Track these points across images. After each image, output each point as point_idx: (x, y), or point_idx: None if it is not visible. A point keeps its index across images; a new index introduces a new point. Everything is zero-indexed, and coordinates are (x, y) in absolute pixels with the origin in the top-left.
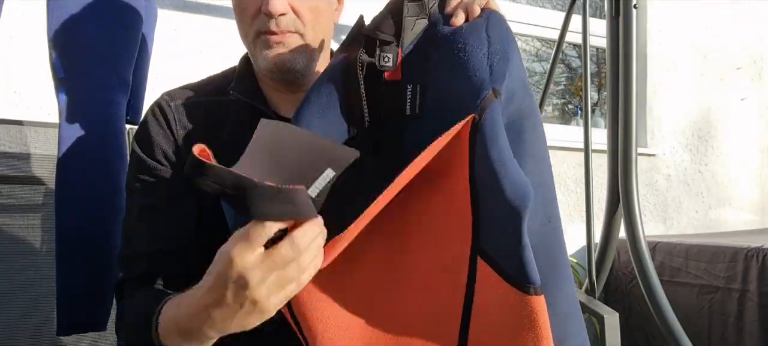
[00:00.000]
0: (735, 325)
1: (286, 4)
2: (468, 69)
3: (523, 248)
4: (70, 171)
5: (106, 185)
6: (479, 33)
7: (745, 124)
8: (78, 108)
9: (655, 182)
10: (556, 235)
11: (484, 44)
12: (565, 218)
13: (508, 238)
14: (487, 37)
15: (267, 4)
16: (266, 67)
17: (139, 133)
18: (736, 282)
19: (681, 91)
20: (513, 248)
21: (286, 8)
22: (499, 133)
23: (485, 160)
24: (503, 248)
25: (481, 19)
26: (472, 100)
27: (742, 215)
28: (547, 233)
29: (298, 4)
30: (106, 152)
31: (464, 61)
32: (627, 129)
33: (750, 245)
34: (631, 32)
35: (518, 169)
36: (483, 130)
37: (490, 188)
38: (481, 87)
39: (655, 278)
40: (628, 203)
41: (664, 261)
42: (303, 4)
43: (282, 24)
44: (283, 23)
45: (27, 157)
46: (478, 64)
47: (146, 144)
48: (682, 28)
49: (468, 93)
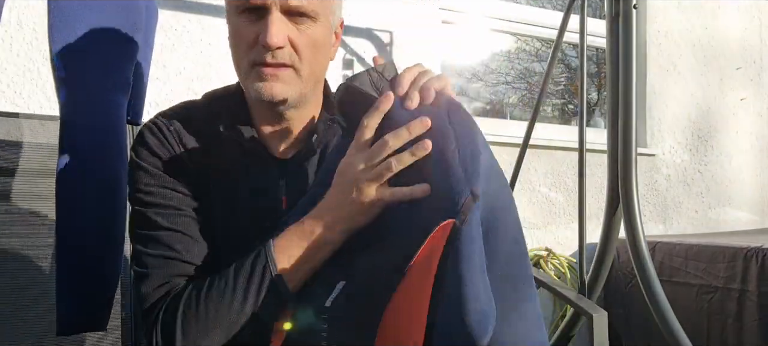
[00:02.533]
0: (734, 325)
1: (284, 37)
2: (441, 167)
3: None
4: (70, 170)
5: (107, 185)
6: (443, 123)
7: (745, 124)
8: (79, 107)
9: (655, 182)
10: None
11: (450, 139)
12: (565, 218)
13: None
14: (453, 131)
15: (265, 35)
16: (257, 98)
17: (141, 150)
18: (735, 282)
19: (681, 91)
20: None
21: (284, 41)
22: (475, 249)
23: (454, 274)
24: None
25: (441, 107)
26: (447, 201)
27: (741, 215)
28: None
29: (297, 39)
30: (106, 152)
31: (436, 157)
32: (627, 129)
33: (749, 245)
34: (631, 32)
35: (487, 291)
36: (458, 244)
37: (452, 300)
38: (458, 190)
39: (655, 278)
40: (627, 203)
41: (663, 261)
42: (301, 39)
43: (278, 57)
44: (279, 56)
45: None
46: (450, 161)
47: (149, 156)
48: (682, 28)
49: (444, 192)
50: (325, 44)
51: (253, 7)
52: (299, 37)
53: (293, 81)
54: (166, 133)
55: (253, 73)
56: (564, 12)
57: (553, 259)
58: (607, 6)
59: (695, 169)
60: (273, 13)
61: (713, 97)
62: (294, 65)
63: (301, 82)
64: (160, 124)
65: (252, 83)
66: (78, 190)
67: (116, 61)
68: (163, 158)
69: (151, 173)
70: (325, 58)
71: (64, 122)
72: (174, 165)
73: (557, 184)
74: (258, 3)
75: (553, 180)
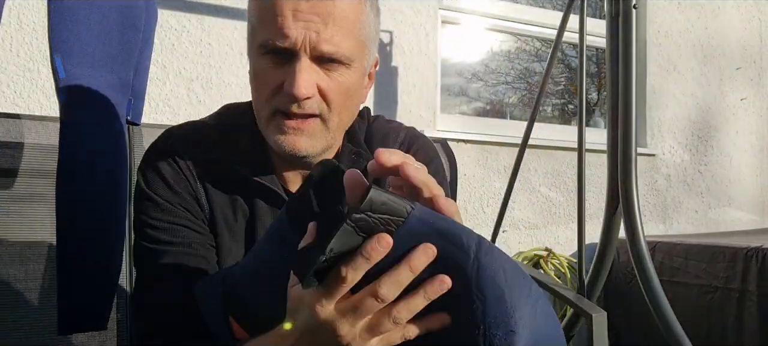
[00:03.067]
0: (734, 325)
1: (313, 87)
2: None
3: None
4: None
5: (107, 185)
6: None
7: (745, 124)
8: (78, 108)
9: (655, 182)
10: None
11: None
12: (565, 218)
13: None
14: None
15: (291, 85)
16: (277, 150)
17: (153, 178)
18: (735, 282)
19: (681, 91)
20: None
21: (312, 91)
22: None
23: None
24: None
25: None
26: None
27: (741, 214)
28: None
29: (327, 86)
30: (106, 152)
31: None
32: (627, 129)
33: (750, 245)
34: (630, 32)
35: None
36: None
37: None
38: None
39: (655, 278)
40: (627, 202)
41: (663, 261)
42: (332, 87)
43: (305, 107)
44: (306, 106)
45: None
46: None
47: (161, 186)
48: (682, 28)
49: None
50: (359, 90)
51: (279, 51)
52: (330, 85)
53: (320, 133)
54: (180, 163)
55: (273, 122)
56: (564, 12)
57: (552, 259)
58: (607, 6)
59: (695, 170)
60: (302, 60)
61: (713, 97)
62: (322, 115)
63: (328, 134)
64: (175, 147)
65: (273, 134)
66: (78, 190)
67: (116, 61)
68: (177, 191)
69: (162, 208)
70: (357, 103)
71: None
72: (188, 199)
73: (557, 184)
74: (286, 46)
75: (553, 180)
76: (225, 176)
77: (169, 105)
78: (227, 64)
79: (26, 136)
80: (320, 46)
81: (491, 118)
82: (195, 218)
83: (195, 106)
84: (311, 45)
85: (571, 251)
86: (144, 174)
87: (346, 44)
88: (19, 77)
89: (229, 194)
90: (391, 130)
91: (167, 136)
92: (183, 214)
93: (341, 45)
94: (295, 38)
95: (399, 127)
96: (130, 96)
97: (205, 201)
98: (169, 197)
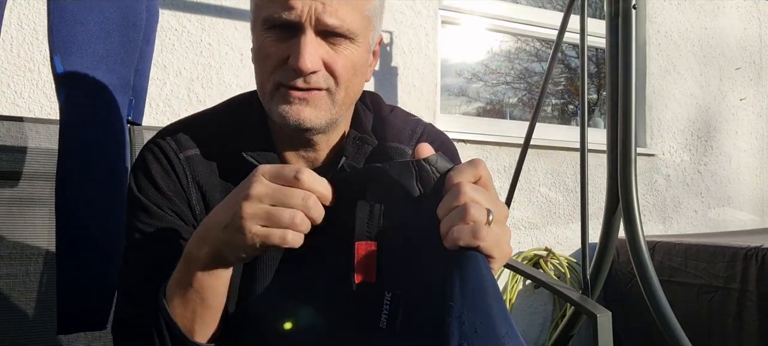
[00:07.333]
0: (734, 325)
1: (318, 61)
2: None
3: None
4: (70, 171)
5: (107, 185)
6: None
7: (745, 124)
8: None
9: (655, 182)
10: None
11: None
12: (565, 217)
13: None
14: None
15: (296, 58)
16: (281, 122)
17: (142, 180)
18: (735, 282)
19: (681, 91)
20: None
21: (318, 65)
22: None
23: None
24: None
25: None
26: None
27: (741, 214)
28: None
29: (332, 60)
30: (107, 152)
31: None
32: (626, 129)
33: (749, 245)
34: (630, 32)
35: None
36: None
37: None
38: None
39: (655, 278)
40: (627, 202)
41: (663, 261)
42: (340, 61)
43: (311, 81)
44: (312, 80)
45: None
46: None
47: (151, 189)
48: (682, 28)
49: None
50: (364, 65)
51: (284, 24)
52: (335, 59)
53: (325, 106)
54: (174, 163)
55: (277, 94)
56: (564, 12)
57: (553, 259)
58: (607, 6)
59: (695, 170)
60: (307, 34)
61: (713, 97)
62: (329, 89)
63: (334, 108)
64: (166, 149)
65: (276, 105)
66: (78, 190)
67: (116, 61)
68: (166, 193)
69: (151, 213)
70: (362, 80)
71: (64, 123)
72: (176, 201)
73: (557, 184)
74: (291, 19)
75: (553, 180)
76: (225, 166)
77: (169, 105)
78: (227, 64)
79: (27, 140)
80: (325, 18)
81: (491, 118)
82: (184, 223)
83: (195, 107)
84: (316, 17)
85: (570, 251)
86: (134, 176)
87: (351, 18)
88: (19, 78)
89: (229, 182)
90: (407, 123)
91: (161, 135)
92: (170, 218)
93: (346, 18)
94: (301, 9)
95: (417, 122)
96: (130, 96)
97: (197, 200)
98: (157, 200)
